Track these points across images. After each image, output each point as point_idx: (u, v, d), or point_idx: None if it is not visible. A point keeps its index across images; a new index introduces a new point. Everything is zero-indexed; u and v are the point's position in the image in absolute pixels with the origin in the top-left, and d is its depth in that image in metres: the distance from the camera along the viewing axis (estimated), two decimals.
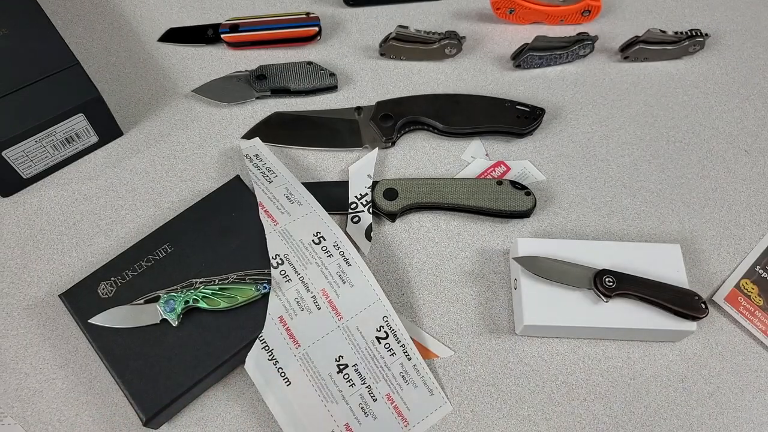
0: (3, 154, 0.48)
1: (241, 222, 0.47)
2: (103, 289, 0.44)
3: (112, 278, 0.44)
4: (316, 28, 0.61)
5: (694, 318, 0.44)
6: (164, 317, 0.42)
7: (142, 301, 0.43)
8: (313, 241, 0.45)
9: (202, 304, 0.42)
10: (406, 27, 0.60)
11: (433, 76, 0.61)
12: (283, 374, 0.42)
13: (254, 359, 0.42)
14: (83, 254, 0.49)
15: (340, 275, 0.44)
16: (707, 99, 0.61)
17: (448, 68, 0.62)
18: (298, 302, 0.43)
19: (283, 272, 0.44)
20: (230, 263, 0.45)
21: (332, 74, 0.58)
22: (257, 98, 0.58)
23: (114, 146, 0.55)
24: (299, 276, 0.44)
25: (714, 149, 0.57)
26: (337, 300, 0.44)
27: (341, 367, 0.42)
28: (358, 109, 0.57)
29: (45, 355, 0.44)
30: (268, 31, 0.60)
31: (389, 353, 0.43)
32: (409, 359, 0.43)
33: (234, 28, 0.60)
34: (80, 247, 0.49)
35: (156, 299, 0.43)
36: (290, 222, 0.46)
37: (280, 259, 0.44)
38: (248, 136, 0.55)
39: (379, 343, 0.43)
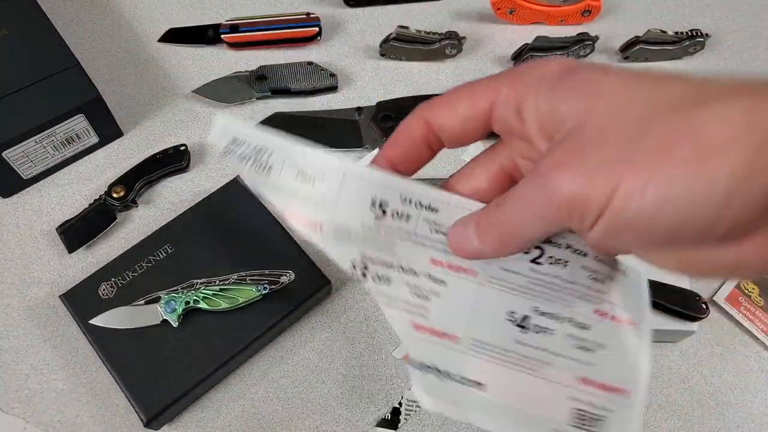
0: (3, 154, 0.48)
1: (242, 222, 0.47)
2: (104, 290, 0.44)
3: (113, 279, 0.44)
4: (317, 29, 0.61)
5: (695, 318, 0.44)
6: (165, 318, 0.42)
7: (142, 301, 0.43)
8: (375, 216, 0.32)
9: (203, 305, 0.42)
10: (406, 27, 0.60)
11: (434, 76, 0.61)
12: (467, 382, 0.31)
13: (426, 390, 0.31)
14: (83, 255, 0.49)
15: (436, 231, 0.32)
16: None
17: (449, 68, 0.62)
18: (417, 294, 0.32)
19: (375, 276, 0.32)
20: (231, 264, 0.45)
21: (333, 75, 0.58)
22: (258, 99, 0.58)
23: (114, 147, 0.55)
24: (395, 266, 0.32)
25: None
26: (453, 258, 0.32)
27: (521, 323, 0.31)
28: (359, 109, 0.57)
29: (45, 356, 0.44)
30: (268, 32, 0.60)
31: (558, 266, 0.31)
32: (585, 255, 0.31)
33: (234, 28, 0.60)
34: (81, 248, 0.49)
35: (156, 300, 0.43)
36: (333, 211, 0.32)
37: (362, 263, 0.32)
38: None
39: (540, 264, 0.31)
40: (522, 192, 0.25)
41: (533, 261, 0.31)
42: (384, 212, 0.32)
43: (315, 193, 0.32)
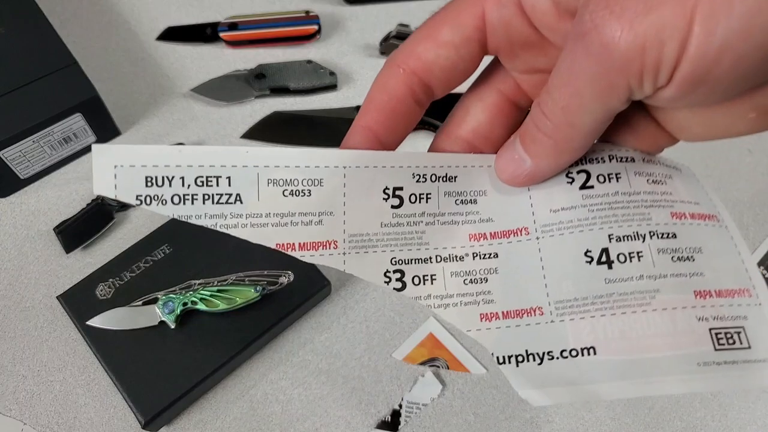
0: (0, 154, 0.47)
1: None
2: (101, 291, 0.43)
3: (111, 280, 0.44)
4: (316, 27, 0.60)
5: None
6: (162, 319, 0.42)
7: (140, 302, 0.43)
8: (392, 207, 0.26)
9: (201, 306, 0.42)
10: (406, 26, 0.59)
11: None
12: (574, 353, 0.25)
13: (531, 384, 0.25)
14: (81, 255, 0.48)
15: (461, 201, 0.27)
16: None
17: None
18: (471, 281, 0.26)
19: (417, 278, 0.26)
20: (229, 264, 0.45)
21: (332, 73, 0.58)
22: (256, 97, 0.58)
23: None
24: (432, 259, 0.27)
25: (717, 148, 0.57)
26: (495, 225, 0.27)
27: (603, 259, 0.25)
28: (359, 108, 0.57)
29: (43, 358, 0.44)
30: (267, 30, 0.60)
31: (612, 182, 0.26)
32: (633, 161, 0.27)
33: (233, 26, 0.60)
34: (78, 248, 0.48)
35: (154, 301, 0.42)
36: (344, 220, 0.25)
37: (396, 271, 0.26)
38: (247, 135, 0.55)
39: (591, 188, 0.26)
40: (566, 67, 0.18)
41: (583, 187, 0.26)
42: (401, 200, 0.26)
43: (316, 206, 0.24)
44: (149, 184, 0.21)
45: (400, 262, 0.26)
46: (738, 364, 0.23)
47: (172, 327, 0.42)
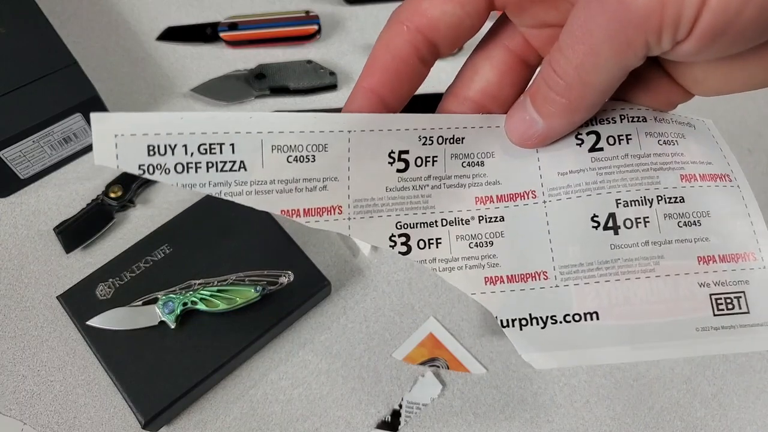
0: (0, 154, 0.47)
1: (241, 222, 0.47)
2: (101, 291, 0.43)
3: (111, 279, 0.44)
4: (316, 27, 0.60)
5: None
6: (162, 319, 0.42)
7: (140, 302, 0.43)
8: (398, 170, 0.26)
9: (201, 306, 0.42)
10: None
11: (434, 74, 0.60)
12: (577, 317, 0.25)
13: (534, 347, 0.25)
14: (81, 255, 0.48)
15: (468, 164, 0.27)
16: (710, 97, 0.60)
17: (449, 66, 0.61)
18: (477, 244, 0.26)
19: (422, 242, 0.26)
20: (229, 264, 0.45)
21: (332, 73, 0.58)
22: (256, 97, 0.58)
23: None
24: (438, 223, 0.26)
25: None
26: (502, 187, 0.27)
27: (609, 224, 0.25)
28: None
29: (43, 358, 0.44)
30: (267, 30, 0.60)
31: (622, 144, 0.26)
32: (644, 120, 0.26)
33: (233, 26, 0.60)
34: (78, 248, 0.48)
35: (154, 301, 0.43)
36: (349, 185, 0.25)
37: (401, 235, 0.26)
38: None
39: (601, 150, 0.26)
40: (579, 24, 0.18)
41: (593, 149, 0.26)
42: (406, 164, 0.26)
43: (321, 171, 0.24)
44: (151, 152, 0.21)
45: (406, 226, 0.26)
46: (736, 329, 0.23)
47: (172, 327, 0.42)
